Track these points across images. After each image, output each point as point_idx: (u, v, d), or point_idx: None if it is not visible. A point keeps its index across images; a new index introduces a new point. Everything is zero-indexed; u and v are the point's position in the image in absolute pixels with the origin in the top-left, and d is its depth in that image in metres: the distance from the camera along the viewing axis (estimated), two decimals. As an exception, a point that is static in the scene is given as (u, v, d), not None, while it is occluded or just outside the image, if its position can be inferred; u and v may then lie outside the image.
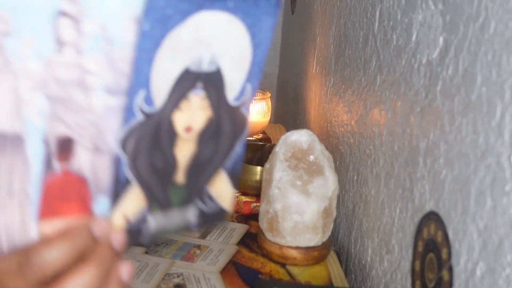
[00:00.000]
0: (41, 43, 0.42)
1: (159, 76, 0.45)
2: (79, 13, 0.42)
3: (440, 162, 0.69)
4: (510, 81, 0.55)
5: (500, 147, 0.56)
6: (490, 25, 0.59)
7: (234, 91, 0.49)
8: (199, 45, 0.46)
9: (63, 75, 0.43)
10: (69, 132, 0.44)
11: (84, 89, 0.43)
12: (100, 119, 0.44)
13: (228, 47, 0.48)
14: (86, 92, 0.44)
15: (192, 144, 0.49)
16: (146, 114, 0.45)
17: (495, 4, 0.58)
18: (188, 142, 0.48)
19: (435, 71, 0.71)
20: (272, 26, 0.49)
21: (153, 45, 0.43)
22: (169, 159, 0.48)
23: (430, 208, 0.71)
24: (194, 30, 0.45)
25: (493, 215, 0.57)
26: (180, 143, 0.48)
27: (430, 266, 0.70)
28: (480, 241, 0.59)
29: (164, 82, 0.45)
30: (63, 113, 0.43)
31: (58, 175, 0.44)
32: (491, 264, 0.57)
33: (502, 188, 0.56)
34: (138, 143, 0.46)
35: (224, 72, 0.48)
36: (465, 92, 0.63)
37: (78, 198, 0.45)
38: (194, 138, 0.49)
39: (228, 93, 0.49)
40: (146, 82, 0.44)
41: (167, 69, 0.45)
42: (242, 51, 0.49)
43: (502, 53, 0.57)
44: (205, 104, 0.48)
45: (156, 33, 0.43)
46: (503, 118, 0.56)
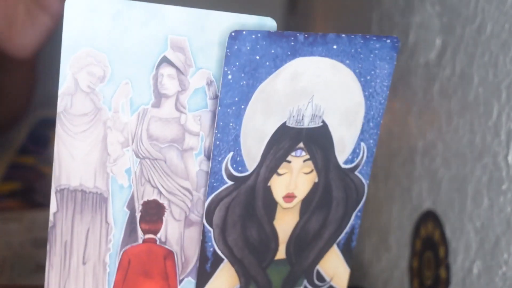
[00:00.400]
0: (138, 93, 0.37)
1: (250, 135, 0.38)
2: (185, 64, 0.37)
3: (437, 162, 0.69)
4: (507, 82, 0.56)
5: (497, 147, 0.57)
6: (487, 27, 0.59)
7: (345, 152, 0.42)
8: (297, 97, 0.38)
9: (158, 132, 0.37)
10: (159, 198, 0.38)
11: (180, 151, 0.38)
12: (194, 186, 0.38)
13: (334, 99, 0.40)
14: (183, 154, 0.38)
15: (295, 215, 0.41)
16: (236, 179, 0.38)
17: (492, 6, 0.59)
18: (289, 212, 0.41)
19: (432, 72, 0.71)
20: (389, 74, 0.42)
21: (240, 98, 0.37)
22: (266, 233, 0.41)
23: (428, 207, 0.72)
24: (290, 80, 0.38)
25: (490, 214, 0.58)
26: (280, 213, 0.41)
27: (427, 264, 0.71)
28: (477, 240, 0.60)
29: (257, 141, 0.38)
30: (153, 176, 0.38)
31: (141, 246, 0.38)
32: (488, 262, 0.58)
33: (498, 187, 0.56)
34: (228, 213, 0.39)
35: (331, 128, 0.40)
36: (462, 93, 0.64)
37: (162, 275, 0.39)
38: (297, 208, 0.41)
39: (338, 154, 0.42)
40: (235, 142, 0.37)
41: (260, 126, 0.38)
42: (352, 103, 0.41)
43: (498, 55, 0.57)
44: (308, 167, 0.41)
45: (241, 84, 0.37)
46: (500, 118, 0.57)
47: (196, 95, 0.38)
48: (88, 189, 0.37)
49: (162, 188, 0.38)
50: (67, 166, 0.36)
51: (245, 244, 0.40)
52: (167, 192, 0.38)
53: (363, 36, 0.40)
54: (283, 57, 0.37)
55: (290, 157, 0.40)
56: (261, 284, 0.42)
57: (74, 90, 0.36)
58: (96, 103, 0.36)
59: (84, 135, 0.36)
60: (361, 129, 0.42)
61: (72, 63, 0.35)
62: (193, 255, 0.40)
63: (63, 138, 0.36)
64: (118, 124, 0.37)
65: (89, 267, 0.38)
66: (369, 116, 0.42)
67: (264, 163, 0.39)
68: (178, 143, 0.38)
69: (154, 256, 0.39)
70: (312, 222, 0.42)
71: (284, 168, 0.40)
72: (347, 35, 0.39)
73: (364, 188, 0.44)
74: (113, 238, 0.38)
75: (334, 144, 0.41)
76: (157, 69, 0.37)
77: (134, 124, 0.37)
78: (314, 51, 0.38)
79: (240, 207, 0.39)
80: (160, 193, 0.38)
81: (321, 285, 0.44)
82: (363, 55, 0.40)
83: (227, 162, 0.38)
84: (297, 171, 0.40)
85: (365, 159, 0.43)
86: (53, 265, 0.37)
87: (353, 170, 0.43)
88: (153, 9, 0.36)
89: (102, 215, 0.37)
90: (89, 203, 0.37)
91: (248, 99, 0.37)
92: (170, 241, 0.39)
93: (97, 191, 0.37)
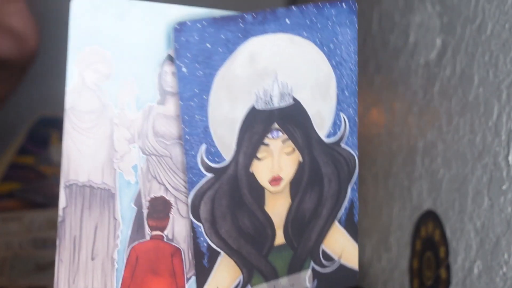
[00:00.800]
0: (143, 91, 0.37)
1: (220, 124, 0.38)
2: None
3: (438, 162, 0.69)
4: (507, 81, 0.56)
5: (497, 147, 0.57)
6: (487, 27, 0.59)
7: (325, 126, 0.41)
8: (260, 78, 0.38)
9: (164, 129, 0.38)
10: (165, 195, 0.38)
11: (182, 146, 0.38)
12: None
13: (300, 74, 0.39)
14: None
15: (286, 198, 0.41)
16: (215, 170, 0.38)
17: (492, 5, 0.59)
18: (279, 196, 0.41)
19: (432, 72, 0.71)
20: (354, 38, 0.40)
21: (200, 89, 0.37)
22: (260, 220, 0.40)
23: (428, 207, 0.72)
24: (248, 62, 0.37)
25: (490, 214, 0.58)
26: (269, 198, 0.40)
27: (428, 264, 0.71)
28: (477, 240, 0.60)
29: (228, 130, 0.38)
30: (159, 173, 0.38)
31: (148, 242, 0.38)
32: (488, 263, 0.58)
33: (499, 188, 0.56)
34: (215, 205, 0.39)
35: (304, 104, 0.40)
36: (462, 93, 0.64)
37: (170, 273, 0.39)
38: (286, 190, 0.41)
39: (318, 130, 0.41)
40: (205, 134, 0.37)
41: (227, 114, 0.38)
42: (321, 75, 0.40)
43: (499, 54, 0.57)
44: (289, 147, 0.40)
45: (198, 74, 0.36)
46: (500, 118, 0.57)
47: None
48: (96, 185, 0.37)
49: (168, 185, 0.38)
50: (75, 162, 0.37)
51: (240, 234, 0.40)
52: (173, 188, 0.38)
53: (315, 4, 0.39)
54: (235, 40, 0.37)
55: (266, 140, 0.39)
56: (265, 272, 0.41)
57: (81, 87, 0.36)
58: (102, 100, 0.37)
59: (91, 132, 0.37)
60: (337, 100, 0.41)
61: (79, 61, 0.36)
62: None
63: (71, 134, 0.36)
64: (125, 121, 0.37)
65: (98, 263, 0.38)
66: (343, 85, 0.41)
67: (241, 150, 0.38)
68: None
69: (161, 253, 0.39)
70: (306, 202, 0.42)
71: (263, 152, 0.39)
72: (297, 6, 0.38)
73: (355, 160, 0.43)
74: (120, 234, 0.38)
75: (311, 119, 0.40)
76: (162, 66, 0.37)
77: (140, 121, 0.37)
78: (266, 29, 0.37)
79: (226, 197, 0.39)
80: (166, 190, 0.38)
81: (329, 264, 0.43)
82: (320, 24, 0.39)
83: (202, 155, 0.37)
84: (277, 153, 0.40)
85: (348, 130, 0.42)
86: (63, 260, 0.37)
87: (338, 143, 0.42)
88: (158, 8, 0.36)
89: (110, 211, 0.38)
90: (97, 198, 0.37)
91: (209, 88, 0.37)
92: (177, 238, 0.39)
93: (104, 187, 0.37)
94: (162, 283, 0.39)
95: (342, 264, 0.44)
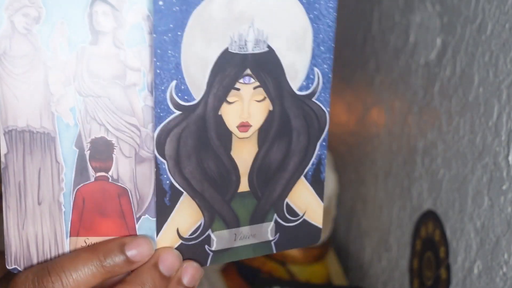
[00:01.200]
0: (74, 32, 0.37)
1: (192, 62, 0.37)
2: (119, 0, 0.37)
3: (438, 162, 0.69)
4: (507, 81, 0.56)
5: (497, 147, 0.57)
6: (487, 27, 0.59)
7: (298, 78, 0.41)
8: (237, 22, 0.38)
9: (99, 69, 0.37)
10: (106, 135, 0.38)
11: (123, 88, 0.38)
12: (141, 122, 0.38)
13: (277, 23, 0.39)
14: (126, 90, 0.38)
15: (253, 145, 0.41)
16: (184, 108, 0.38)
17: (492, 5, 0.59)
18: (247, 143, 0.40)
19: (432, 72, 0.71)
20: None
21: (175, 25, 0.36)
22: (225, 164, 0.40)
23: (428, 207, 0.72)
24: (226, 4, 0.37)
25: (490, 214, 0.58)
26: (236, 143, 0.40)
27: (428, 264, 0.71)
28: (477, 240, 0.60)
29: (200, 69, 0.38)
30: (98, 113, 0.38)
31: (93, 184, 0.38)
32: (488, 263, 0.58)
33: (499, 188, 0.56)
34: (181, 144, 0.38)
35: (278, 53, 0.39)
36: (462, 93, 0.64)
37: (118, 214, 0.39)
38: (254, 137, 0.40)
39: (290, 81, 0.40)
40: (176, 70, 0.37)
41: (200, 53, 0.37)
42: (298, 27, 0.40)
43: (499, 54, 0.57)
44: (260, 95, 0.40)
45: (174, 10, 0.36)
46: (500, 118, 0.57)
47: (134, 30, 0.37)
48: (35, 129, 0.37)
49: (108, 125, 0.38)
50: (13, 108, 0.37)
51: (204, 177, 0.39)
52: (114, 129, 0.38)
53: None
54: None
55: (238, 84, 0.39)
56: (227, 218, 0.41)
57: (11, 32, 0.37)
58: (34, 44, 0.37)
59: (25, 76, 0.37)
60: (312, 54, 0.41)
61: (7, 5, 0.36)
62: (148, 192, 0.39)
63: (6, 80, 0.37)
64: (58, 63, 0.37)
65: (45, 207, 0.38)
66: (319, 40, 0.41)
67: (211, 91, 0.38)
68: (120, 79, 0.38)
69: (108, 194, 0.39)
70: (274, 153, 0.41)
71: (233, 96, 0.39)
72: None
73: (325, 116, 0.42)
74: (64, 177, 0.38)
75: (284, 69, 0.40)
76: (91, 7, 0.37)
77: (73, 62, 0.37)
78: None
79: (192, 137, 0.39)
80: (107, 131, 0.38)
81: (293, 219, 0.43)
82: None
83: (171, 91, 0.37)
84: (248, 99, 0.39)
85: (321, 85, 0.42)
86: (10, 206, 0.38)
87: (310, 97, 0.41)
88: None
89: (51, 154, 0.38)
90: (38, 143, 0.38)
91: (184, 25, 0.36)
92: (123, 178, 0.39)
93: (44, 131, 0.38)
94: (112, 224, 0.39)
95: (305, 220, 0.44)
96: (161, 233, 0.39)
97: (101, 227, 0.39)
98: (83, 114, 0.38)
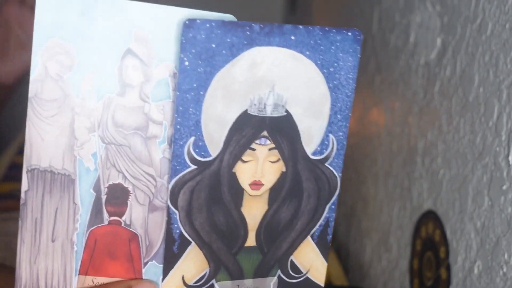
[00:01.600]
0: (103, 82, 0.39)
1: (211, 121, 0.39)
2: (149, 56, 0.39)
3: (438, 162, 0.69)
4: (507, 81, 0.56)
5: (498, 147, 0.57)
6: (488, 27, 0.59)
7: (313, 143, 0.42)
8: (257, 86, 0.40)
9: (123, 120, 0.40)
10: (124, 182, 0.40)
11: (144, 139, 0.40)
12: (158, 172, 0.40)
13: (297, 89, 0.41)
14: (147, 142, 0.40)
15: (263, 203, 0.42)
16: (200, 163, 0.40)
17: (493, 5, 0.59)
18: (257, 200, 0.42)
19: (433, 71, 0.71)
20: (354, 66, 0.42)
21: (198, 85, 0.38)
22: (234, 219, 0.42)
23: (428, 207, 0.72)
24: (249, 68, 0.39)
25: (490, 214, 0.58)
26: (247, 200, 0.42)
27: (428, 264, 0.71)
28: (477, 240, 0.60)
29: (218, 128, 0.40)
30: (118, 161, 0.40)
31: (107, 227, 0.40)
32: (489, 263, 0.58)
33: (499, 188, 0.56)
34: (193, 197, 0.40)
35: (296, 118, 0.41)
36: (462, 93, 0.64)
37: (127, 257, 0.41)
38: (265, 196, 0.42)
39: (305, 145, 0.42)
40: (196, 127, 0.39)
41: (220, 113, 0.39)
42: (316, 94, 0.41)
43: (499, 54, 0.57)
44: (274, 156, 0.41)
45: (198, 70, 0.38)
46: (500, 118, 0.57)
47: (160, 86, 0.40)
48: (57, 170, 0.40)
49: (126, 173, 0.40)
50: (38, 148, 0.39)
51: (213, 229, 0.41)
52: (131, 177, 0.40)
53: (322, 28, 0.40)
54: (240, 46, 0.39)
55: (254, 145, 0.41)
56: (232, 270, 0.43)
57: (44, 76, 0.39)
58: (64, 90, 0.39)
59: (53, 120, 0.39)
60: (329, 121, 0.43)
61: (43, 52, 0.38)
62: (157, 239, 0.41)
63: (34, 121, 0.39)
64: (85, 110, 0.39)
65: (58, 245, 0.40)
66: (336, 108, 0.43)
67: (228, 150, 0.40)
68: (142, 131, 0.40)
69: (119, 237, 0.41)
70: (283, 212, 0.43)
71: (248, 155, 0.41)
72: (304, 26, 0.40)
73: (337, 181, 0.45)
74: (80, 218, 0.40)
75: (300, 134, 0.42)
76: (122, 60, 0.39)
77: (100, 110, 0.40)
78: (271, 41, 0.39)
79: (205, 191, 0.41)
80: (125, 178, 0.40)
81: (297, 276, 0.45)
82: (324, 47, 0.41)
83: (189, 146, 0.39)
84: (262, 159, 0.41)
85: (335, 152, 0.44)
86: (24, 241, 0.40)
87: (323, 162, 0.44)
88: (119, 4, 0.39)
89: (70, 195, 0.40)
90: (58, 183, 0.40)
91: (207, 85, 0.39)
92: (135, 224, 0.41)
93: (65, 172, 0.40)
94: (120, 266, 0.41)
95: (308, 278, 0.45)
96: (167, 279, 0.41)
97: (109, 269, 0.41)
98: (104, 160, 0.40)
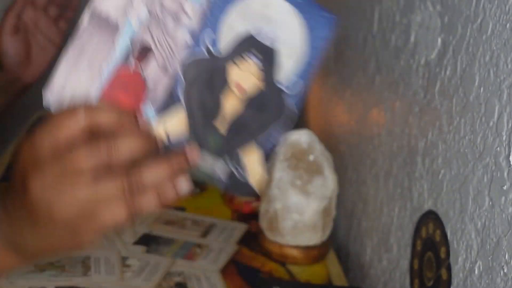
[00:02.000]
0: None
1: (227, 27, 0.53)
2: None
3: (439, 162, 0.69)
4: (508, 81, 0.56)
5: (498, 147, 0.57)
6: (488, 26, 0.59)
7: (285, 80, 0.53)
8: (262, 20, 0.53)
9: (167, 3, 0.53)
10: (151, 44, 0.53)
11: (176, 21, 0.53)
12: (177, 48, 0.53)
13: (285, 35, 0.53)
14: (177, 24, 0.53)
15: (239, 103, 0.53)
16: (210, 52, 0.53)
17: (493, 5, 0.59)
18: (236, 99, 0.53)
19: (433, 71, 0.71)
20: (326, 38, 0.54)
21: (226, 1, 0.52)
22: (216, 102, 0.53)
23: (429, 207, 0.72)
24: (261, 6, 0.53)
25: (491, 214, 0.58)
26: (229, 95, 0.53)
27: (428, 265, 0.71)
28: (478, 240, 0.60)
29: (230, 34, 0.53)
30: (153, 29, 0.53)
31: (129, 70, 0.53)
32: (489, 263, 0.58)
33: (500, 188, 0.56)
34: (197, 74, 0.53)
35: (278, 54, 0.53)
36: (463, 93, 0.64)
37: (135, 95, 0.53)
38: (242, 99, 0.53)
39: (280, 78, 0.53)
40: (215, 26, 0.53)
41: (235, 25, 0.53)
42: (297, 44, 0.53)
43: (500, 54, 0.57)
44: (258, 74, 0.53)
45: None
46: (501, 118, 0.57)
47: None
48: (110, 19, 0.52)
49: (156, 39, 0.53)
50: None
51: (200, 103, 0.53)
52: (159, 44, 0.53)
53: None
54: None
55: (248, 57, 0.53)
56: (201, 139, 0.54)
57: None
58: None
59: None
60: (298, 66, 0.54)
61: None
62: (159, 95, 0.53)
63: None
64: None
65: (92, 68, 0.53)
66: (307, 60, 0.53)
67: (230, 52, 0.53)
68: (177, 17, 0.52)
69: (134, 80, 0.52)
70: (247, 116, 0.53)
71: (242, 63, 0.53)
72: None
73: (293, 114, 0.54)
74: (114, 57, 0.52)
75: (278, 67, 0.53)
76: None
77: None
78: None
79: (205, 74, 0.53)
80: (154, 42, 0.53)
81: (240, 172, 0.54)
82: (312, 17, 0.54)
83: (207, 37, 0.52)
84: (249, 71, 0.53)
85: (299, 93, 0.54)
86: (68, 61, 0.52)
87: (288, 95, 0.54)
88: None
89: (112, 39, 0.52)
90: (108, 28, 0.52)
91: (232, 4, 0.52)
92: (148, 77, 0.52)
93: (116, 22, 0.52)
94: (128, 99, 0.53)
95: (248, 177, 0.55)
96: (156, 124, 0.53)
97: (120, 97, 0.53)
98: (144, 25, 0.52)
